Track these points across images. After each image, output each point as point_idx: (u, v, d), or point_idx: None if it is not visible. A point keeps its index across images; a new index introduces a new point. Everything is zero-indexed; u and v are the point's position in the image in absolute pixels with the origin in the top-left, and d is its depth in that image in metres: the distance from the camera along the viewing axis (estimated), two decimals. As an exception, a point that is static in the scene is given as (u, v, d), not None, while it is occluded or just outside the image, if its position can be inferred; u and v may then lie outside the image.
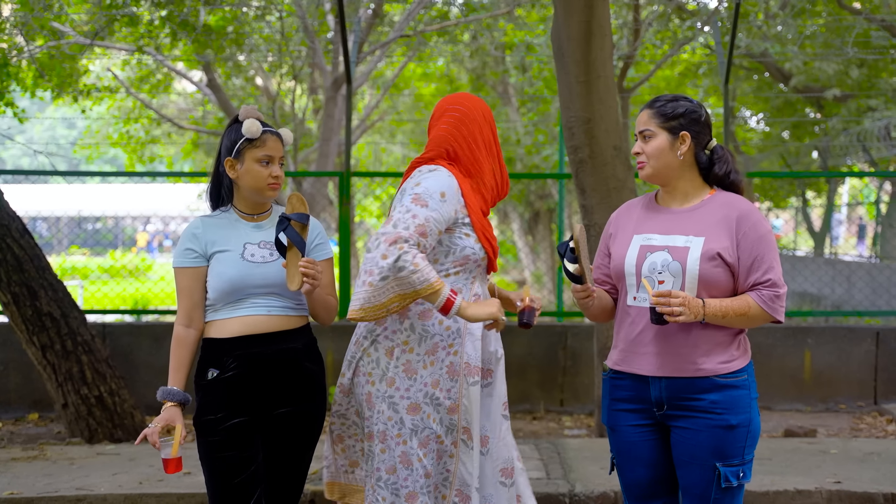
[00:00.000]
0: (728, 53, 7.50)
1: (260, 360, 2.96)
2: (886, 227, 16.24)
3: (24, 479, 4.83)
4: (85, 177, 12.77)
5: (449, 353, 3.05)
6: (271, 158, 3.01)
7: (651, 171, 2.90)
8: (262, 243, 3.02)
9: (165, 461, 2.87)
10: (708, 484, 2.82)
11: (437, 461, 3.09)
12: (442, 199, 2.94)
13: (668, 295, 2.70)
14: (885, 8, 11.49)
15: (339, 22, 7.58)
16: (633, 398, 2.92)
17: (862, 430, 6.36)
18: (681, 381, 2.82)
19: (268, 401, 2.99)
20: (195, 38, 10.21)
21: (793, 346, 6.94)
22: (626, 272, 2.90)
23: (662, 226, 2.90)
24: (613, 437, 3.00)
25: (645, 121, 2.91)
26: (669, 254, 2.83)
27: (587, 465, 5.01)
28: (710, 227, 2.83)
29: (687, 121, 2.88)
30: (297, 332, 3.05)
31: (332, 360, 6.82)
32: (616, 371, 2.96)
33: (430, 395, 3.04)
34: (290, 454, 3.06)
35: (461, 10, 13.16)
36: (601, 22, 5.04)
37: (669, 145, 2.87)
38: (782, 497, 4.57)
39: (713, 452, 2.80)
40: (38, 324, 5.67)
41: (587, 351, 6.77)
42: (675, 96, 2.93)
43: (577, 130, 5.18)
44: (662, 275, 2.81)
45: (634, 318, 2.89)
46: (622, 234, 2.99)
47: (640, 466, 2.95)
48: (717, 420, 2.80)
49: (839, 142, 15.42)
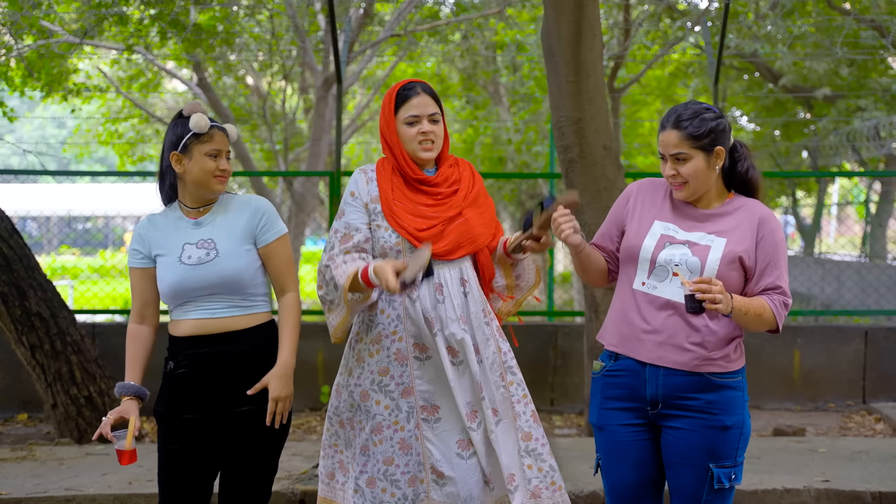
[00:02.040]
0: (718, 53, 7.52)
1: (206, 361, 2.98)
2: (876, 226, 16.30)
3: (12, 479, 4.81)
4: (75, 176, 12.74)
5: (394, 341, 3.14)
6: (219, 152, 3.00)
7: (692, 191, 2.84)
8: (201, 242, 3.00)
9: (119, 452, 2.91)
10: (700, 485, 2.81)
11: (402, 450, 3.14)
12: (353, 198, 3.17)
13: (709, 282, 2.63)
14: (874, 8, 11.52)
15: (329, 21, 7.58)
16: (626, 396, 2.88)
17: (850, 428, 6.39)
18: (679, 376, 2.80)
19: (221, 400, 2.99)
20: (185, 37, 10.18)
21: (782, 345, 6.96)
22: (641, 256, 2.85)
23: (685, 221, 2.87)
24: (601, 437, 2.95)
25: (676, 143, 2.80)
26: (689, 249, 2.80)
27: (577, 464, 5.01)
28: (732, 229, 2.82)
29: (717, 134, 2.81)
30: (247, 332, 3.01)
31: (323, 360, 6.82)
32: (613, 361, 2.90)
33: (378, 381, 3.15)
34: (251, 453, 3.03)
35: (452, 9, 13.16)
36: (591, 22, 5.05)
37: (706, 164, 2.81)
38: (771, 496, 4.59)
39: (707, 453, 2.80)
40: (27, 324, 5.65)
41: (577, 350, 6.78)
42: (694, 110, 2.82)
43: (567, 130, 5.19)
44: (679, 267, 2.78)
45: (640, 303, 2.85)
46: (643, 214, 2.92)
47: (628, 468, 2.91)
48: (712, 420, 2.80)
49: (829, 141, 15.47)
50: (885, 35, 10.82)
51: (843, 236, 21.98)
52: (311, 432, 6.29)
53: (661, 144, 2.84)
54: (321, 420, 6.56)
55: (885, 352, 6.97)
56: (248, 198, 3.10)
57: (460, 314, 3.14)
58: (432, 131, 3.14)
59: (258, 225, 3.04)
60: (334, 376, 7.29)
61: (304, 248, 16.10)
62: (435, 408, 3.17)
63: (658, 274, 2.82)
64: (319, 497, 3.30)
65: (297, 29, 11.73)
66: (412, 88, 3.15)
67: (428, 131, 3.13)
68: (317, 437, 6.15)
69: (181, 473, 3.02)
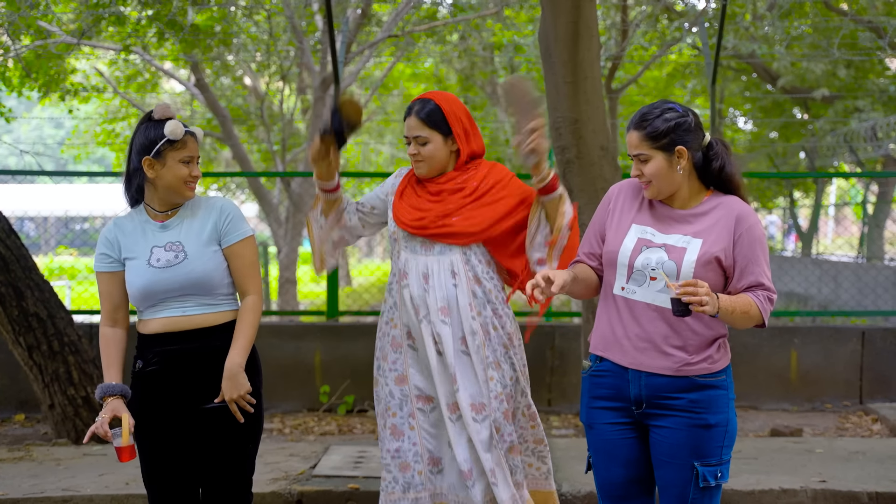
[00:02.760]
0: (715, 54, 7.52)
1: (177, 357, 3.01)
2: (873, 227, 16.31)
3: (9, 480, 4.81)
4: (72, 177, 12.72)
5: (392, 328, 3.39)
6: (192, 158, 3.02)
7: (656, 191, 2.85)
8: (168, 245, 3.02)
9: (119, 450, 2.93)
10: (686, 484, 2.82)
11: (393, 435, 3.33)
12: (380, 188, 3.56)
13: (695, 285, 2.62)
14: (871, 9, 11.54)
15: (327, 22, 7.57)
16: (611, 396, 2.89)
17: (847, 429, 6.39)
18: (662, 378, 2.81)
19: (191, 397, 3.01)
20: (182, 37, 10.18)
21: (779, 345, 6.97)
22: (619, 262, 2.85)
23: (661, 223, 2.86)
24: (591, 435, 2.96)
25: (636, 144, 2.81)
26: (666, 252, 2.80)
27: (574, 464, 5.02)
28: (708, 229, 2.81)
29: (677, 134, 2.79)
30: (219, 329, 3.03)
31: (320, 361, 6.82)
32: (598, 362, 2.92)
33: (380, 367, 3.44)
34: (224, 448, 3.04)
35: (449, 10, 13.16)
36: (588, 23, 5.05)
37: (668, 164, 2.80)
38: (767, 496, 4.59)
39: (691, 452, 2.81)
40: (24, 324, 5.65)
41: (575, 351, 6.79)
42: (660, 108, 2.81)
43: (564, 131, 5.19)
44: (655, 271, 2.79)
45: (620, 307, 2.86)
46: (622, 217, 2.92)
47: (617, 465, 2.92)
48: (696, 419, 2.80)
49: (826, 142, 15.48)
50: (883, 36, 10.83)
51: (841, 237, 22.00)
52: (309, 433, 6.29)
53: (627, 145, 2.86)
54: (318, 420, 6.56)
55: (882, 352, 6.98)
56: (214, 199, 3.11)
57: (442, 305, 3.28)
58: (418, 153, 3.36)
59: (223, 226, 3.06)
60: (332, 377, 7.31)
61: (301, 248, 16.09)
62: (430, 398, 3.35)
63: (636, 279, 2.83)
64: None
65: (294, 29, 11.72)
66: (410, 109, 3.39)
67: (414, 153, 3.37)
68: (314, 437, 6.16)
69: (162, 470, 3.06)
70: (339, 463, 5.09)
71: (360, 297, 14.59)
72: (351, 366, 6.73)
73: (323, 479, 4.77)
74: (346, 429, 6.39)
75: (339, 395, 6.77)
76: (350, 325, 7.23)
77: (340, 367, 6.79)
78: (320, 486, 4.67)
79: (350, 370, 6.74)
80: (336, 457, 5.24)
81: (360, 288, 16.10)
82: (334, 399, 6.77)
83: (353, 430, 6.37)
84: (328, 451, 5.40)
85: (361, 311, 8.57)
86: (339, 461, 5.13)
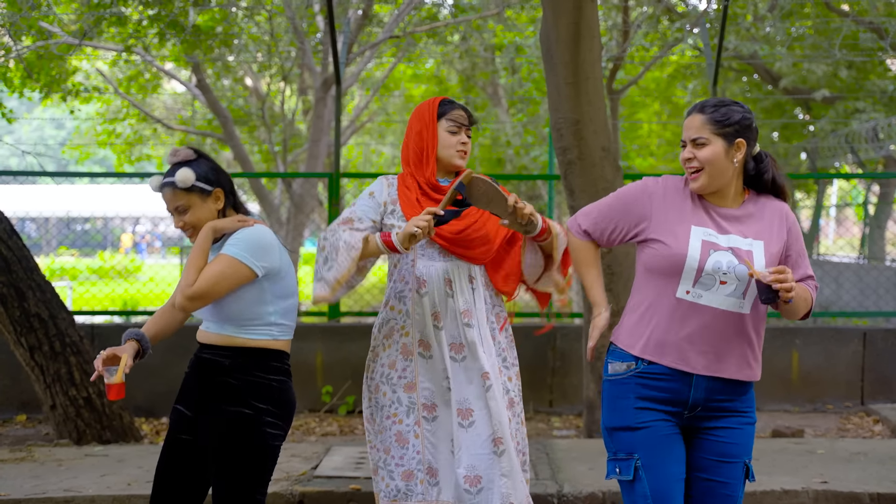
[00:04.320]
0: (716, 55, 7.52)
1: (196, 362, 3.14)
2: (874, 228, 16.31)
3: (11, 480, 4.81)
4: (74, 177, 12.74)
5: (402, 335, 3.40)
6: (174, 209, 3.07)
7: (707, 179, 2.81)
8: None
9: (108, 387, 3.04)
10: (738, 482, 2.87)
11: (398, 442, 3.35)
12: (370, 197, 3.43)
13: (784, 272, 2.65)
14: (873, 10, 11.54)
15: (328, 23, 7.58)
16: (665, 399, 2.82)
17: (849, 430, 6.39)
18: (722, 382, 2.81)
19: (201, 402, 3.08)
20: (184, 38, 10.18)
21: (781, 346, 6.96)
22: (688, 265, 2.77)
23: (716, 223, 2.84)
24: (639, 437, 2.82)
25: (698, 126, 2.80)
26: (735, 256, 2.77)
27: (575, 465, 5.02)
28: (765, 229, 2.85)
29: (741, 127, 2.81)
30: (228, 350, 3.04)
31: (322, 361, 6.82)
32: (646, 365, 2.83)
33: (386, 374, 3.43)
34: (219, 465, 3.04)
35: (451, 11, 13.17)
36: (589, 24, 5.06)
37: (725, 152, 2.80)
38: (769, 497, 4.59)
39: (744, 449, 2.87)
40: (25, 325, 5.65)
41: (576, 352, 6.79)
42: (722, 101, 2.85)
43: (565, 132, 5.20)
44: (727, 275, 2.76)
45: (687, 312, 2.79)
46: (679, 219, 2.85)
47: (676, 463, 2.83)
48: (746, 418, 2.89)
49: (827, 143, 15.48)
50: (884, 37, 10.84)
51: (842, 238, 21.99)
52: (310, 433, 6.29)
53: (685, 129, 2.85)
54: (320, 421, 6.56)
55: (883, 353, 6.98)
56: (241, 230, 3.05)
57: (464, 308, 3.34)
58: (468, 143, 3.44)
59: None
60: (333, 378, 7.30)
61: (303, 249, 16.09)
62: (433, 406, 3.36)
63: (704, 283, 2.77)
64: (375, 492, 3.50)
65: (295, 30, 11.73)
66: (452, 102, 3.44)
67: (466, 142, 3.42)
68: (315, 438, 6.16)
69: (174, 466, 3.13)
70: (341, 463, 5.09)
71: (362, 297, 14.58)
72: (352, 366, 6.73)
73: (324, 480, 4.78)
74: (347, 429, 6.39)
75: (340, 396, 6.77)
76: (351, 325, 7.24)
77: (342, 367, 6.79)
78: (322, 486, 4.67)
79: (351, 371, 6.74)
80: (337, 457, 5.24)
81: (361, 289, 16.06)
82: (336, 400, 6.77)
83: (354, 430, 6.37)
84: (329, 451, 5.40)
85: (363, 312, 8.56)
86: (340, 462, 5.13)
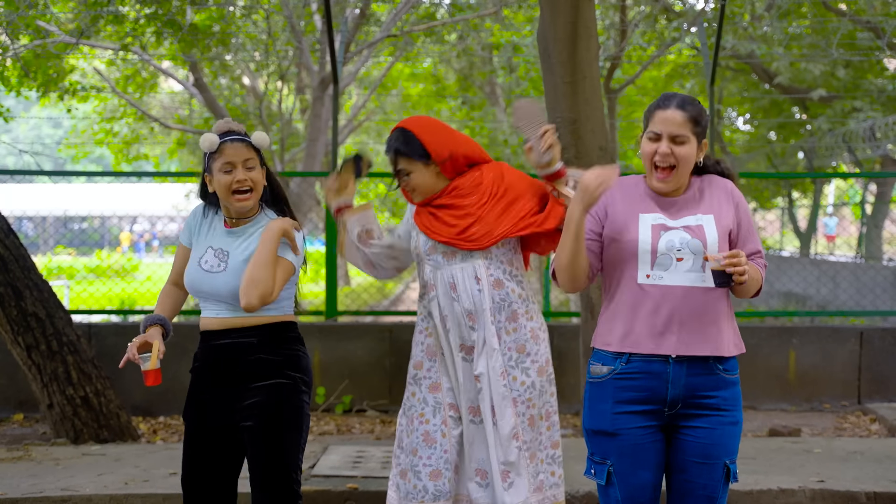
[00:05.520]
0: (714, 54, 7.53)
1: (212, 352, 3.08)
2: (871, 227, 16.34)
3: (8, 479, 4.81)
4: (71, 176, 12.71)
5: (426, 336, 3.41)
6: (233, 164, 3.02)
7: (678, 179, 2.83)
8: (219, 251, 3.06)
9: (145, 373, 2.99)
10: (717, 483, 2.83)
11: (425, 442, 3.35)
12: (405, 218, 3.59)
13: (737, 255, 2.67)
14: (870, 9, 11.56)
15: (325, 22, 7.58)
16: (643, 399, 2.82)
17: (846, 429, 6.40)
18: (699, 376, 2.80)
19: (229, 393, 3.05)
20: (181, 37, 10.18)
21: (778, 345, 6.97)
22: (641, 250, 2.80)
23: (667, 210, 2.86)
24: (615, 442, 2.84)
25: (681, 123, 2.80)
26: (686, 232, 2.80)
27: (573, 464, 5.01)
28: (713, 204, 2.86)
29: (705, 127, 2.87)
30: (254, 329, 3.04)
31: (319, 360, 6.82)
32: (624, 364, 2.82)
33: (413, 374, 3.45)
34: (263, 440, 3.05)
35: (448, 10, 13.16)
36: (587, 23, 5.06)
37: (695, 152, 2.84)
38: (766, 496, 4.60)
39: (725, 450, 2.83)
40: (23, 324, 5.65)
41: (573, 351, 6.79)
42: (689, 98, 2.87)
43: (563, 131, 5.19)
44: (682, 251, 2.78)
45: (655, 296, 2.79)
46: (626, 209, 2.88)
47: (648, 471, 2.84)
48: (728, 417, 2.84)
49: (825, 142, 15.50)
50: (881, 36, 10.86)
51: (839, 237, 22.01)
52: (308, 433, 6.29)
53: (662, 122, 2.81)
54: (317, 420, 6.56)
55: (880, 352, 6.98)
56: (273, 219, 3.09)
57: (469, 311, 3.33)
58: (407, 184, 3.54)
59: None
60: (330, 377, 7.30)
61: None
62: (457, 406, 3.40)
63: (661, 263, 2.79)
64: None
65: (293, 29, 11.73)
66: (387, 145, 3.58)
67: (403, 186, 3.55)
68: (313, 437, 6.16)
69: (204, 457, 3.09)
70: (338, 463, 5.10)
71: (359, 297, 14.60)
72: (349, 366, 6.73)
73: (322, 479, 4.78)
74: (344, 429, 6.39)
75: (337, 395, 6.77)
76: (348, 325, 7.23)
77: (339, 367, 6.79)
78: (319, 485, 4.67)
79: (348, 370, 6.74)
80: (335, 457, 5.24)
81: (358, 288, 16.08)
82: (332, 399, 6.77)
83: (351, 430, 6.38)
84: (327, 450, 5.40)
85: (360, 311, 8.57)
86: (337, 461, 5.14)
